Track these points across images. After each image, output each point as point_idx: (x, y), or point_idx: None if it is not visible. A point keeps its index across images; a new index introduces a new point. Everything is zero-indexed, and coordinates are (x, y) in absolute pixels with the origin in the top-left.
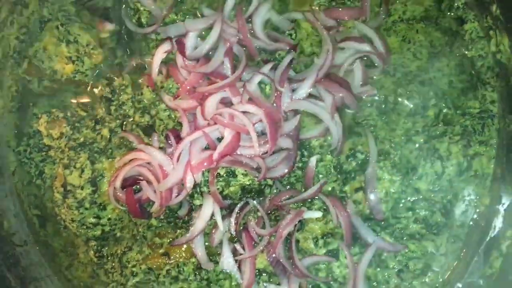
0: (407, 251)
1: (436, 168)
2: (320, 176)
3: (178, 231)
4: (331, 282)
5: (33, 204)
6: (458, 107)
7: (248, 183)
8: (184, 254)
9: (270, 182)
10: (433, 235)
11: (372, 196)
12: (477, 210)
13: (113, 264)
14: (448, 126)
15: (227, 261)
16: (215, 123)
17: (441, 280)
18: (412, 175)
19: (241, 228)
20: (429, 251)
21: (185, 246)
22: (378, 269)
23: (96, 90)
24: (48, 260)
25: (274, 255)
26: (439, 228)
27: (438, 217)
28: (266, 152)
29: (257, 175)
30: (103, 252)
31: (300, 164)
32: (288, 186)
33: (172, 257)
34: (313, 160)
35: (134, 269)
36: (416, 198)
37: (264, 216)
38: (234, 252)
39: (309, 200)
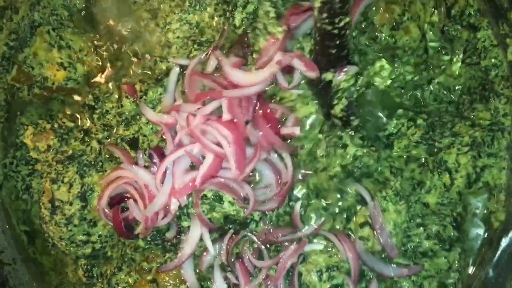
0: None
1: (445, 180)
2: (314, 218)
3: (167, 254)
4: None
5: (21, 220)
6: (467, 118)
7: (233, 213)
8: (172, 281)
9: (256, 217)
10: (445, 251)
11: (382, 232)
12: (492, 226)
13: (102, 285)
14: (455, 137)
15: None
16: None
17: None
18: (420, 190)
19: (234, 258)
20: (442, 268)
21: (174, 271)
22: None
23: (79, 98)
24: (37, 279)
25: None
26: (452, 242)
27: (451, 231)
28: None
29: (244, 207)
30: (93, 272)
31: (287, 209)
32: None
33: (160, 285)
34: (297, 205)
35: None
36: (426, 213)
37: (261, 248)
38: (226, 280)
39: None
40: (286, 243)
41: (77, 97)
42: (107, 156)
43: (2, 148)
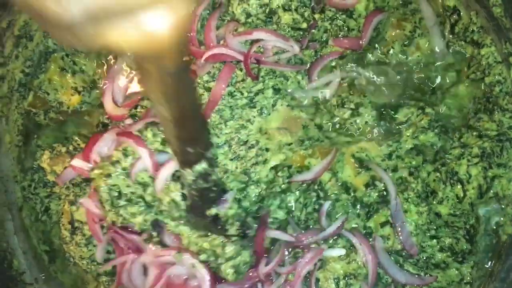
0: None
1: (457, 191)
2: (339, 215)
3: None
4: None
5: (42, 240)
6: (474, 128)
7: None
8: None
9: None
10: (457, 263)
11: (402, 230)
12: (500, 239)
13: None
14: (465, 149)
15: None
16: None
17: None
18: (433, 199)
19: None
20: (454, 280)
21: None
22: None
23: (93, 119)
24: None
25: None
26: (464, 255)
27: (464, 245)
28: None
29: None
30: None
31: (316, 206)
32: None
33: None
34: (326, 205)
35: None
36: (439, 224)
37: (283, 254)
38: None
39: (333, 238)
40: (305, 250)
41: (91, 119)
42: None
43: (20, 171)
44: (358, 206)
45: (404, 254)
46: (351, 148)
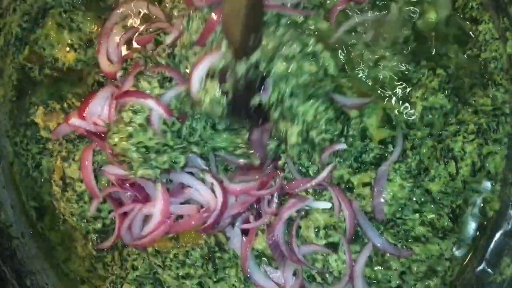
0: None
1: (450, 169)
2: (337, 159)
3: None
4: (326, 274)
5: (31, 196)
6: (469, 104)
7: None
8: (193, 240)
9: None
10: (438, 239)
11: (377, 195)
12: (487, 216)
13: (113, 257)
14: (461, 125)
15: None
16: None
17: (445, 285)
18: (425, 176)
19: None
20: (433, 254)
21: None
22: (380, 267)
23: (90, 78)
24: (45, 254)
25: (273, 238)
26: (446, 232)
27: (446, 222)
28: None
29: None
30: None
31: (334, 138)
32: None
33: (180, 241)
34: (340, 145)
35: (135, 262)
36: (425, 200)
37: (274, 195)
38: None
39: (320, 190)
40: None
41: (86, 78)
42: None
43: (12, 126)
44: (355, 159)
45: (371, 216)
46: (385, 103)
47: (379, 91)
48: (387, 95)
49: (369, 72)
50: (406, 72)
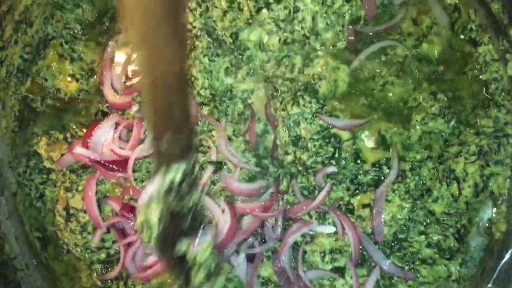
0: (418, 276)
1: (453, 190)
2: (332, 181)
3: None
4: None
5: (34, 227)
6: (471, 125)
7: None
8: None
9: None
10: (445, 260)
11: (376, 216)
12: (493, 237)
13: (118, 287)
14: (462, 146)
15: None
16: None
17: None
18: (428, 197)
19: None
20: (441, 276)
21: None
22: None
23: (92, 107)
24: (50, 285)
25: (279, 264)
26: (452, 253)
27: (452, 242)
28: None
29: None
30: (108, 276)
31: (325, 161)
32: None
33: None
34: (331, 168)
35: None
36: (430, 221)
37: (279, 222)
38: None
39: (323, 214)
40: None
41: (89, 107)
42: None
43: (15, 157)
44: (351, 182)
45: (371, 238)
46: (380, 124)
47: (375, 114)
48: (382, 116)
49: (372, 94)
50: (408, 95)
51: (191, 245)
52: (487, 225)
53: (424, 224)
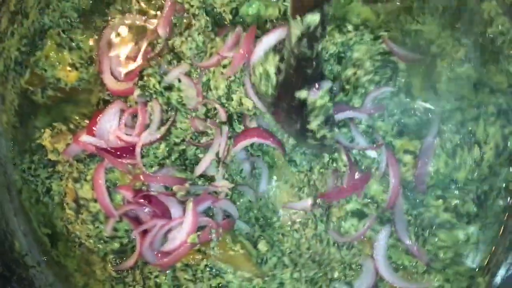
0: (436, 240)
1: (475, 155)
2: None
3: None
4: None
5: (42, 223)
6: (484, 84)
7: None
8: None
9: None
10: (464, 224)
11: (422, 166)
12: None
13: (134, 277)
14: (480, 109)
15: None
16: None
17: (475, 269)
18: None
19: None
20: (460, 240)
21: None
22: (406, 255)
23: (93, 97)
24: (63, 281)
25: None
26: (470, 218)
27: (470, 207)
28: None
29: None
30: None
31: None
32: None
33: (207, 254)
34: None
35: (157, 279)
36: (451, 187)
37: None
38: None
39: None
40: None
41: (90, 97)
42: None
43: (18, 153)
44: (398, 122)
45: (412, 185)
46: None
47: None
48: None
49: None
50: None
51: (310, 92)
52: (504, 185)
53: (442, 188)
